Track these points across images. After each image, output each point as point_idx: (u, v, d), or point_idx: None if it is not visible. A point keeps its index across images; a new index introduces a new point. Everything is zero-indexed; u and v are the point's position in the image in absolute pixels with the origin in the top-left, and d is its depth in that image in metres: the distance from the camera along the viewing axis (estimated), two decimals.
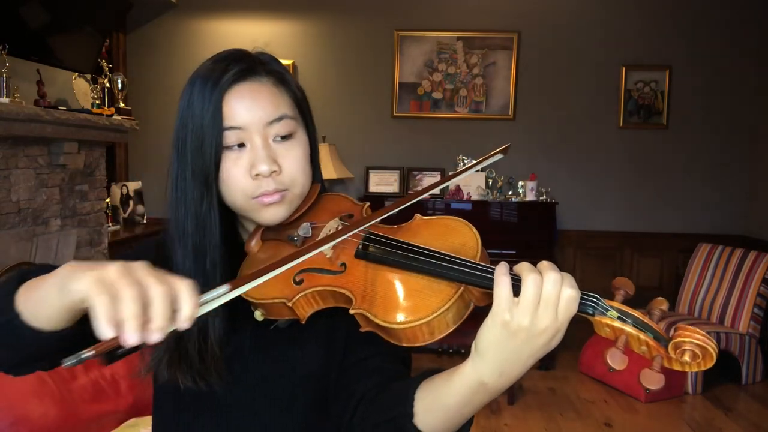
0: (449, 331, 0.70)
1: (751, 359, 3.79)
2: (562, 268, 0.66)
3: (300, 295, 0.77)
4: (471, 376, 0.68)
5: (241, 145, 0.84)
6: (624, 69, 4.56)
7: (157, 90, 4.60)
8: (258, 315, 0.82)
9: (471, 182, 4.40)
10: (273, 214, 0.86)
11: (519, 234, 4.19)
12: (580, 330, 0.74)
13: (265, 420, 0.88)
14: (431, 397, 0.73)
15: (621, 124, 4.61)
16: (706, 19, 4.53)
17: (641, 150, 4.63)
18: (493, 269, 0.66)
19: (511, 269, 0.66)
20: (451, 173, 0.70)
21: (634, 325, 0.63)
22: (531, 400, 3.54)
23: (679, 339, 0.60)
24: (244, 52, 0.88)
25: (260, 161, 0.82)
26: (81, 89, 3.56)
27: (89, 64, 3.37)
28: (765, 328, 3.85)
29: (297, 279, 0.79)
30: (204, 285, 0.81)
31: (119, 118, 3.40)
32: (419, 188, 4.53)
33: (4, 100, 2.60)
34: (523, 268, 0.65)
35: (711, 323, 3.86)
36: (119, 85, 3.56)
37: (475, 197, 4.35)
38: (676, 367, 0.62)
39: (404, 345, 0.71)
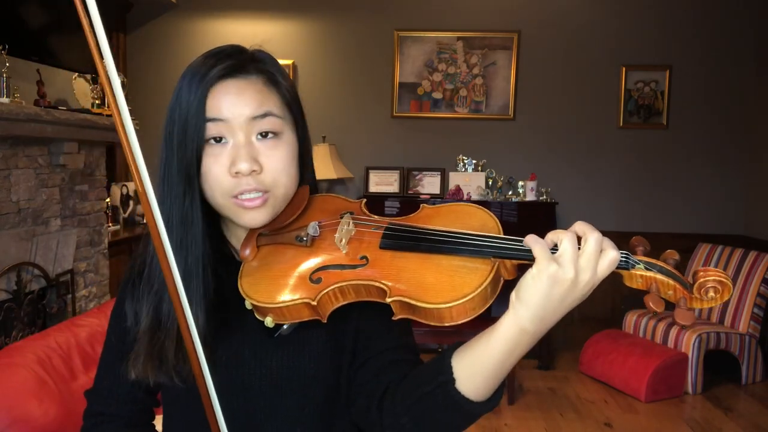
0: (486, 307, 0.73)
1: (751, 359, 3.79)
2: None
3: (323, 293, 0.77)
4: (513, 325, 0.70)
5: (224, 141, 0.82)
6: (624, 69, 4.56)
7: (157, 90, 4.60)
8: (269, 321, 0.80)
9: (471, 182, 4.40)
10: (253, 218, 0.84)
11: (519, 234, 4.18)
12: (580, 330, 0.76)
13: (274, 427, 0.87)
14: (471, 359, 0.74)
15: (621, 124, 4.61)
16: (706, 19, 4.53)
17: (641, 150, 4.63)
18: (522, 239, 0.72)
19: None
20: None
21: (660, 273, 0.70)
22: (531, 400, 3.54)
23: (702, 280, 0.68)
24: (239, 48, 0.87)
25: (240, 159, 0.81)
26: (81, 89, 3.56)
27: (89, 64, 3.37)
28: (765, 328, 3.85)
29: (314, 278, 0.79)
30: (186, 281, 0.81)
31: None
32: (419, 188, 4.54)
33: (4, 100, 2.60)
34: (556, 232, 0.70)
35: (711, 323, 3.86)
36: None
37: (475, 197, 4.35)
38: (696, 305, 0.70)
39: (446, 324, 0.73)
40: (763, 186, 4.42)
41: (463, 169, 4.47)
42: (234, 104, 0.82)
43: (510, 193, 4.45)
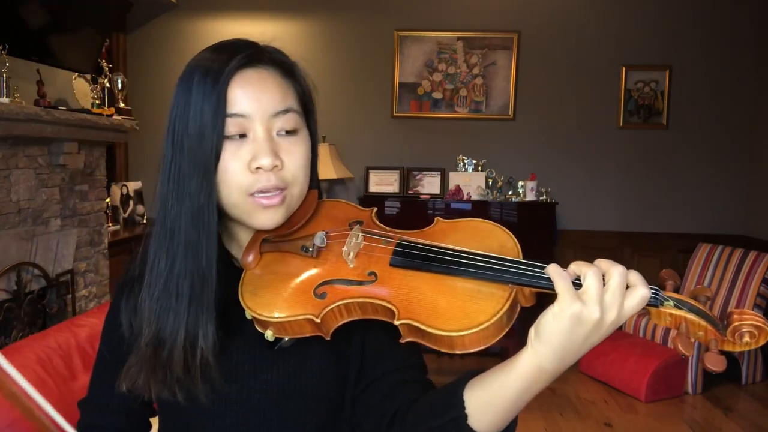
0: (501, 336, 0.68)
1: (751, 359, 3.79)
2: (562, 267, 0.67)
3: (327, 309, 0.72)
4: (531, 364, 0.67)
5: (243, 136, 0.78)
6: (624, 69, 4.56)
7: (157, 90, 4.60)
8: (269, 335, 0.76)
9: (471, 182, 4.40)
10: (269, 218, 0.80)
11: (519, 234, 4.12)
12: None
13: None
14: (485, 394, 0.70)
15: (621, 124, 4.61)
16: (706, 19, 4.53)
17: (641, 150, 4.62)
18: (544, 266, 0.67)
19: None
20: None
21: (691, 312, 0.65)
22: (531, 400, 3.54)
23: (737, 323, 0.63)
24: (249, 40, 0.83)
25: (262, 153, 0.77)
26: (81, 89, 3.56)
27: (89, 64, 3.37)
28: None
29: (318, 292, 0.75)
30: (200, 283, 0.78)
31: (119, 118, 3.40)
32: (419, 188, 4.54)
33: (4, 100, 2.60)
34: (579, 264, 0.66)
35: None
36: (119, 85, 3.56)
37: (475, 197, 4.35)
38: (728, 348, 0.65)
39: (457, 352, 0.68)
40: (763, 186, 4.42)
41: (463, 169, 4.47)
42: (255, 98, 0.78)
43: (510, 193, 4.44)
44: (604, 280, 0.64)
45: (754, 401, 3.61)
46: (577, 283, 0.65)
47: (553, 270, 0.65)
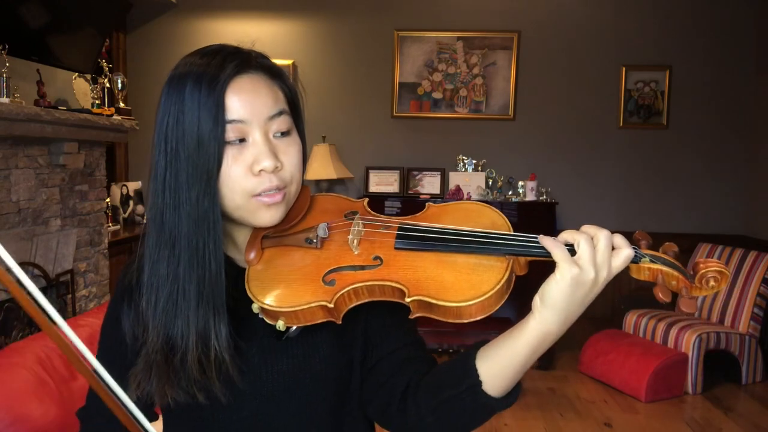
0: (501, 303, 0.75)
1: (751, 359, 3.79)
2: None
3: (338, 294, 0.76)
4: (538, 329, 0.74)
5: (242, 140, 0.80)
6: (624, 69, 4.56)
7: (157, 90, 4.55)
8: (281, 325, 0.78)
9: (471, 182, 4.40)
10: (272, 215, 0.82)
11: (521, 233, 4.19)
12: (579, 330, 0.78)
13: (286, 429, 0.85)
14: (496, 361, 0.77)
15: (621, 124, 4.61)
16: (706, 20, 4.53)
17: (641, 150, 4.63)
18: (536, 237, 0.74)
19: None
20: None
21: (664, 264, 0.74)
22: (531, 400, 3.54)
23: (703, 271, 0.73)
24: (234, 46, 0.85)
25: (264, 156, 0.79)
26: (81, 89, 3.56)
27: (89, 64, 3.37)
28: (765, 328, 3.85)
29: (327, 280, 0.78)
30: (210, 286, 0.79)
31: (119, 118, 3.40)
32: (419, 188, 4.54)
33: (4, 100, 2.60)
34: (570, 232, 0.73)
35: (711, 323, 3.86)
36: (119, 85, 3.56)
37: (475, 197, 4.35)
38: (697, 293, 0.74)
39: (464, 321, 0.74)
40: (763, 186, 4.42)
41: (463, 169, 4.47)
42: (250, 103, 0.80)
43: (510, 193, 4.45)
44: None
45: (754, 401, 3.61)
46: (569, 250, 0.72)
47: (547, 241, 0.73)
